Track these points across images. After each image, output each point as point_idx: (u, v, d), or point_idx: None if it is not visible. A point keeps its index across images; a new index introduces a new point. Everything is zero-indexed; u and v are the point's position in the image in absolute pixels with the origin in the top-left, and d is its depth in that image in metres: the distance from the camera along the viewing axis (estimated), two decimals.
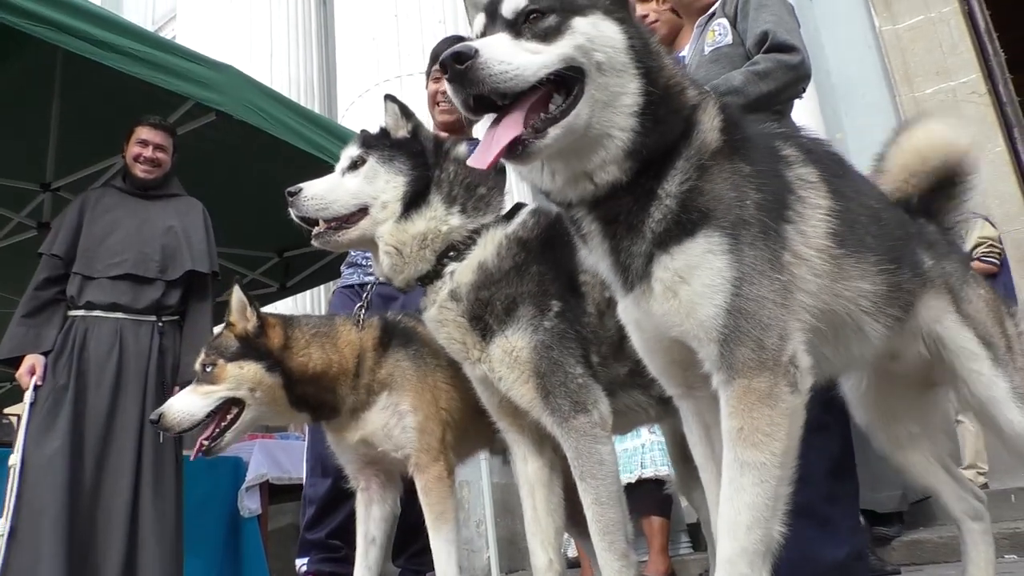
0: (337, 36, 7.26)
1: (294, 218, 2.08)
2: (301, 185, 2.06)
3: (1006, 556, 3.43)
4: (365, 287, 2.92)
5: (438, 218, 1.97)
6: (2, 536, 3.08)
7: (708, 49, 2.46)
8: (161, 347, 3.54)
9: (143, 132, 3.71)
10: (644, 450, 3.97)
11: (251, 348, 2.21)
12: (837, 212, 1.46)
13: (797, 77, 2.28)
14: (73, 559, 3.11)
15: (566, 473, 2.14)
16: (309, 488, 3.11)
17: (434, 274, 1.96)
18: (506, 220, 2.00)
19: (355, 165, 2.05)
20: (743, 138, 1.41)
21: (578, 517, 2.47)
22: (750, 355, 1.29)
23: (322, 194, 2.04)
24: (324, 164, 3.73)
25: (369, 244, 2.07)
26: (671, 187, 1.33)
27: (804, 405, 1.33)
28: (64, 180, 4.52)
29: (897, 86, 6.25)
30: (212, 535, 4.33)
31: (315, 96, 8.26)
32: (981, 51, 6.02)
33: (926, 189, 1.94)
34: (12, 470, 3.17)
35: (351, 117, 6.33)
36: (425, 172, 2.01)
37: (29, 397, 3.29)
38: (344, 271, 3.38)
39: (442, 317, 1.94)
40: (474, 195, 2.02)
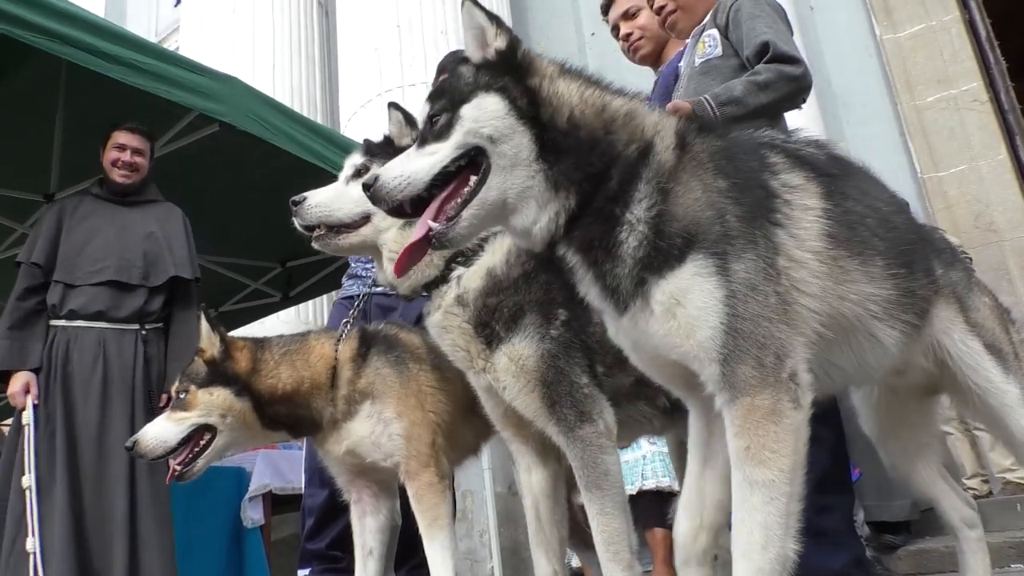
0: (339, 47, 7.28)
1: (298, 227, 2.08)
2: (305, 194, 2.06)
3: (1012, 566, 3.41)
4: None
5: None
6: (32, 553, 3.05)
7: (699, 61, 2.47)
8: (146, 356, 3.52)
9: (120, 136, 3.68)
10: (644, 462, 3.96)
11: (219, 374, 2.23)
12: (832, 213, 1.47)
13: (799, 88, 2.28)
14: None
15: (568, 484, 2.14)
16: (308, 499, 3.11)
17: (440, 279, 1.96)
18: None
19: (359, 173, 2.06)
20: (717, 154, 1.44)
21: (575, 528, 2.47)
22: (751, 373, 1.31)
23: (326, 202, 2.04)
24: (327, 174, 3.73)
25: (371, 250, 2.07)
26: (639, 212, 1.38)
27: (807, 421, 1.34)
28: (68, 191, 4.51)
29: (898, 94, 6.26)
30: (215, 545, 4.32)
31: (317, 106, 8.28)
32: (982, 59, 6.03)
33: None
34: (28, 491, 3.13)
35: (353, 127, 6.34)
36: None
37: (29, 418, 3.25)
38: (344, 282, 3.38)
39: (447, 323, 1.94)
40: None
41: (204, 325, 2.29)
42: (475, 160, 1.41)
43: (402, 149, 2.05)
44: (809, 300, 1.39)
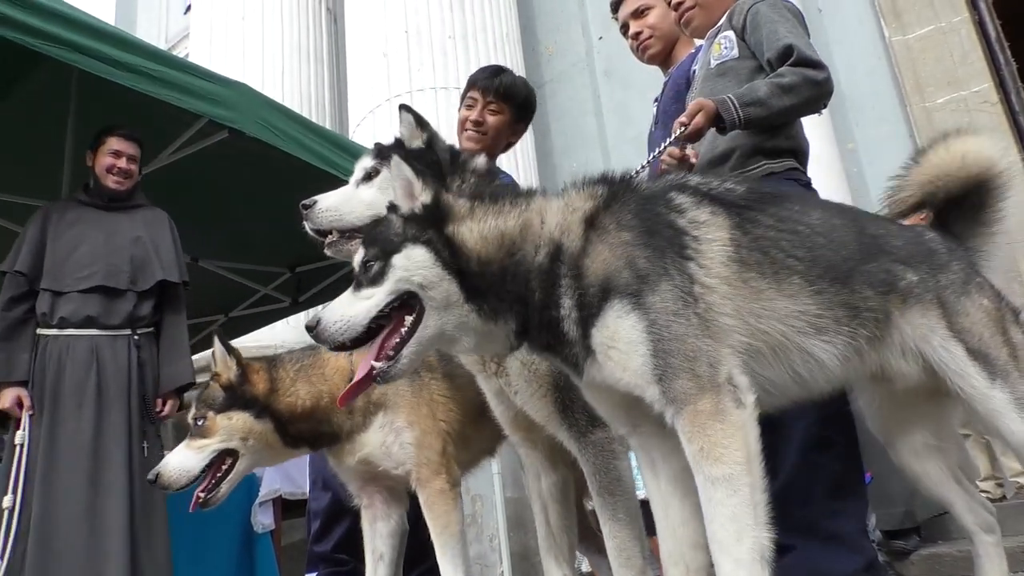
0: (348, 52, 7.31)
1: (308, 231, 2.07)
2: (315, 197, 2.06)
3: None
4: None
5: None
6: None
7: (714, 62, 2.45)
8: (139, 361, 3.51)
9: (115, 143, 3.68)
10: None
11: (237, 397, 2.21)
12: (739, 241, 1.61)
13: (821, 93, 2.27)
14: None
15: (579, 488, 2.14)
16: (313, 502, 3.11)
17: None
18: None
19: (369, 176, 2.05)
20: (621, 214, 1.61)
21: (586, 533, 2.46)
22: (687, 384, 1.45)
23: (336, 206, 2.04)
24: (336, 179, 3.74)
25: None
26: (567, 303, 1.56)
27: (754, 418, 1.46)
28: None
29: (908, 96, 6.23)
30: (226, 550, 4.33)
31: (326, 112, 8.30)
32: (992, 61, 5.99)
33: (954, 197, 2.00)
34: (5, 512, 3.11)
35: (362, 133, 6.36)
36: (441, 182, 2.02)
37: (23, 438, 3.22)
38: None
39: None
40: None
41: (219, 348, 2.26)
42: (408, 302, 1.56)
43: (413, 151, 2.05)
44: (727, 319, 1.53)
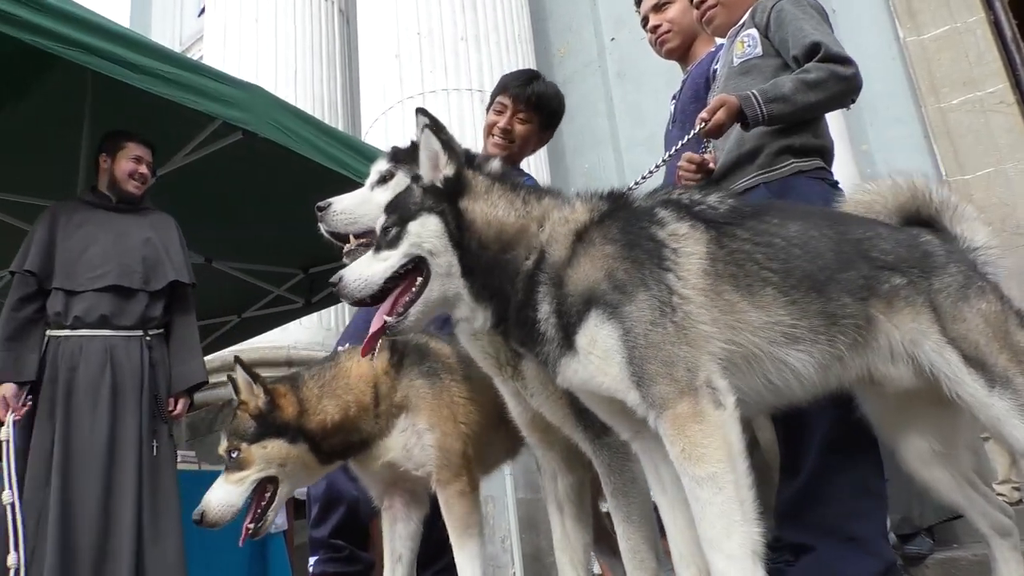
0: (360, 54, 7.33)
1: (324, 233, 2.08)
2: (330, 200, 2.07)
3: None
4: None
5: None
6: (11, 569, 3.04)
7: (737, 61, 2.44)
8: (152, 361, 3.53)
9: (136, 149, 3.74)
10: None
11: (269, 425, 2.18)
12: (714, 255, 1.65)
13: (849, 89, 2.27)
14: None
15: (594, 490, 2.13)
16: (312, 488, 3.13)
17: None
18: None
19: (384, 179, 2.06)
20: (608, 228, 1.69)
21: (601, 533, 2.46)
22: (665, 389, 1.50)
23: (351, 208, 2.04)
24: (348, 181, 3.75)
25: None
26: (545, 308, 1.64)
27: (735, 418, 1.51)
28: None
29: (923, 97, 6.18)
30: (238, 551, 4.33)
31: (339, 114, 8.33)
32: (1008, 60, 5.94)
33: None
34: (10, 508, 3.11)
35: (374, 134, 6.37)
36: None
37: (8, 433, 3.20)
38: None
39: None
40: None
41: (243, 376, 2.22)
42: (419, 266, 1.70)
43: None
44: (704, 327, 1.58)
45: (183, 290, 3.73)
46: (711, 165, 2.43)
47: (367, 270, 1.72)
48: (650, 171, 2.46)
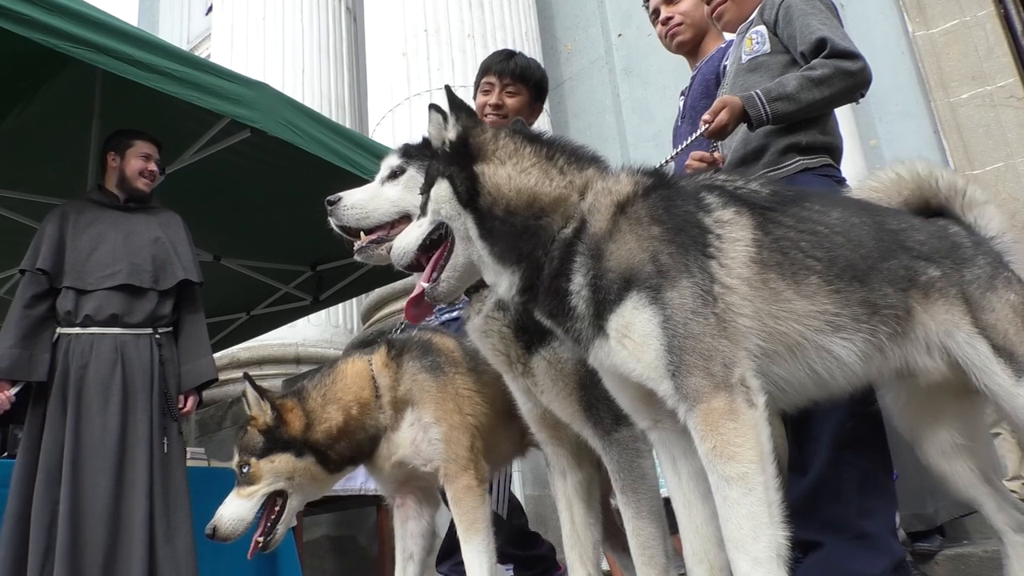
0: (368, 52, 7.32)
1: (334, 228, 2.07)
2: (341, 194, 2.06)
3: None
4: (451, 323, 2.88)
5: None
6: None
7: (746, 58, 2.43)
8: (162, 359, 3.56)
9: (145, 147, 3.75)
10: None
11: (276, 440, 2.23)
12: (761, 242, 1.62)
13: (856, 83, 2.25)
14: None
15: (603, 487, 2.13)
16: None
17: (481, 283, 1.95)
18: None
19: (394, 175, 2.06)
20: (655, 206, 1.63)
21: (611, 529, 2.46)
22: (701, 382, 1.46)
23: (362, 203, 2.04)
24: (356, 178, 3.76)
25: None
26: (579, 280, 1.59)
27: (765, 418, 1.48)
28: None
29: (932, 92, 6.15)
30: (247, 547, 4.35)
31: (346, 111, 8.33)
32: (1018, 55, 5.90)
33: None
34: None
35: (382, 131, 6.37)
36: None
37: None
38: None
39: (488, 327, 1.94)
40: None
41: (252, 393, 2.27)
42: (449, 230, 1.68)
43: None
44: (745, 320, 1.54)
45: (192, 289, 3.74)
46: (720, 165, 2.43)
47: (405, 239, 1.74)
48: (658, 166, 2.45)
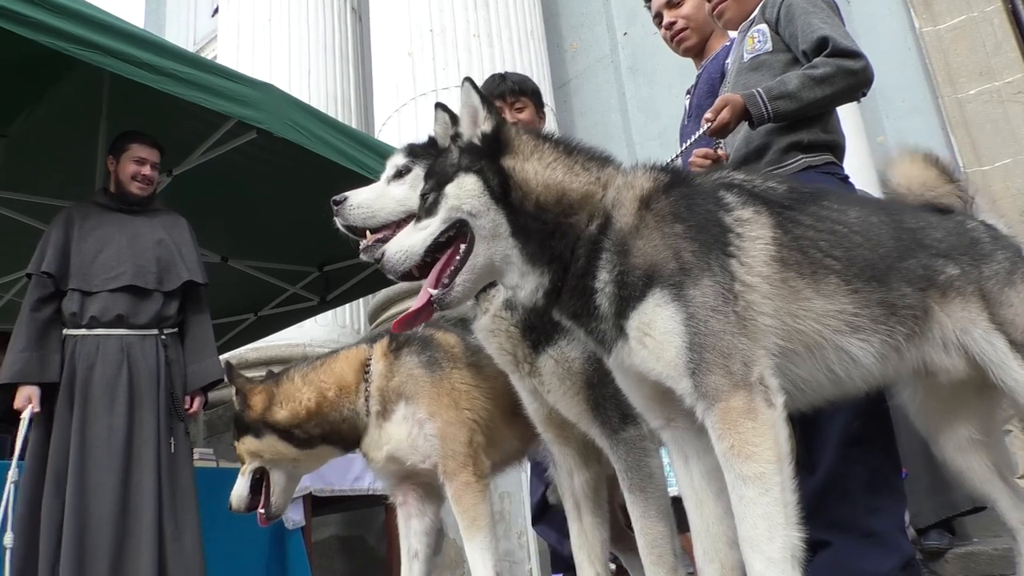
0: (373, 52, 7.33)
1: (340, 227, 2.07)
2: (346, 194, 2.06)
3: None
4: None
5: None
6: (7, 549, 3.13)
7: (747, 56, 2.42)
8: (167, 359, 3.58)
9: (140, 150, 3.75)
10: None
11: (241, 423, 2.44)
12: (780, 240, 1.62)
13: (858, 82, 2.24)
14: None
15: (611, 486, 2.13)
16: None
17: (489, 284, 1.95)
18: None
19: (400, 174, 2.05)
20: (677, 203, 1.62)
21: (620, 531, 2.45)
22: (720, 380, 1.45)
23: (368, 202, 2.04)
24: (362, 178, 3.76)
25: None
26: (604, 277, 1.57)
27: (783, 419, 1.47)
28: None
29: (939, 88, 6.12)
30: (257, 547, 4.37)
31: (352, 111, 8.34)
32: None
33: None
34: (8, 489, 3.19)
35: (388, 131, 6.38)
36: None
37: (23, 427, 3.27)
38: None
39: (495, 326, 1.94)
40: None
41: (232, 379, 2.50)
42: (462, 231, 1.60)
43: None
44: (764, 319, 1.54)
45: (197, 290, 3.76)
46: (724, 162, 2.42)
47: (408, 240, 1.62)
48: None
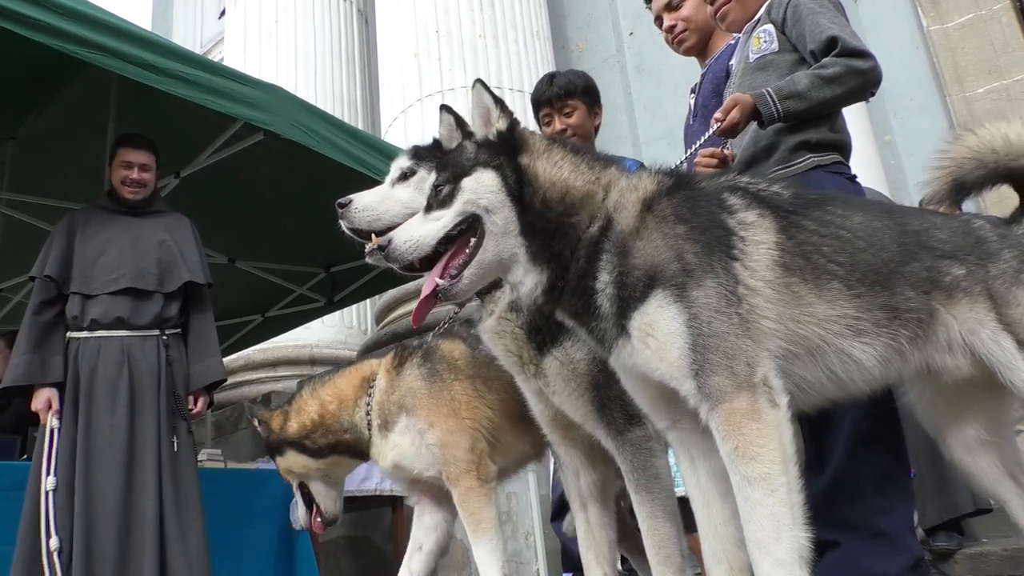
0: (379, 53, 7.34)
1: (345, 230, 2.08)
2: (351, 196, 2.06)
3: None
4: None
5: None
6: (55, 551, 3.15)
7: (753, 57, 2.42)
8: (168, 360, 3.58)
9: (126, 154, 3.72)
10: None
11: (269, 447, 2.60)
12: (784, 245, 1.62)
13: (866, 82, 2.24)
14: None
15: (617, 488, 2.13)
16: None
17: (494, 285, 1.95)
18: None
19: (405, 176, 2.06)
20: (680, 206, 1.64)
21: (627, 531, 2.46)
22: (724, 382, 1.46)
23: (373, 205, 2.04)
24: (369, 179, 3.77)
25: None
26: (605, 278, 1.59)
27: (788, 419, 1.47)
28: None
29: (947, 86, 6.11)
30: (265, 548, 4.38)
31: (358, 113, 8.36)
32: None
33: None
34: (48, 495, 3.21)
35: (394, 133, 6.39)
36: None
37: (54, 423, 3.32)
38: None
39: (500, 328, 1.94)
40: None
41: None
42: (473, 225, 1.62)
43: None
44: (767, 322, 1.54)
45: (200, 290, 3.76)
46: (731, 162, 2.42)
47: (418, 230, 1.62)
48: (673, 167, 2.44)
